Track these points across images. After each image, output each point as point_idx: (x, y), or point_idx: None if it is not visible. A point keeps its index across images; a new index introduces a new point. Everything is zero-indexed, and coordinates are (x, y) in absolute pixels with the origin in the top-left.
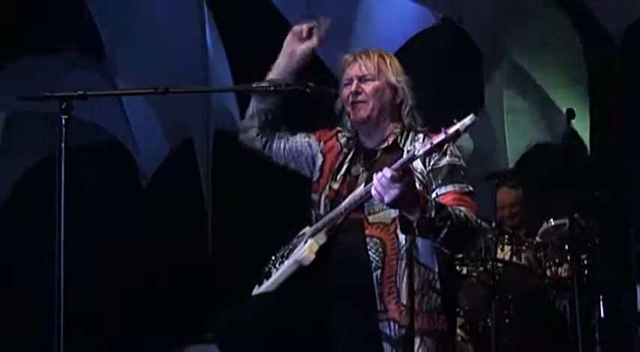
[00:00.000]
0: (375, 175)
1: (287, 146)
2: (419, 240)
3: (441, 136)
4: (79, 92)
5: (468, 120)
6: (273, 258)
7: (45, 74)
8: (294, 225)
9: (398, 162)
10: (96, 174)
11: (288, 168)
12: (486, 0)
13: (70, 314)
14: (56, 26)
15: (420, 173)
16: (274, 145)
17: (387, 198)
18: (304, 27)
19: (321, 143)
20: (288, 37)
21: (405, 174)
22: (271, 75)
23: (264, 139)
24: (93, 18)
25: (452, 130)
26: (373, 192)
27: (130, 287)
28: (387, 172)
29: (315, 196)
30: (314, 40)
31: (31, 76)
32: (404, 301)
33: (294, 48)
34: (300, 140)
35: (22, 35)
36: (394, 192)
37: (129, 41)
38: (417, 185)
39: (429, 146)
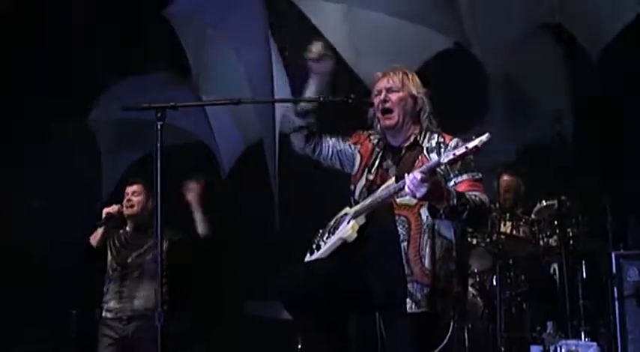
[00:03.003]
0: (406, 176)
1: (335, 151)
2: None
3: (463, 149)
4: (171, 103)
5: (484, 137)
6: (320, 231)
7: (144, 90)
8: (340, 208)
9: (425, 166)
10: (184, 168)
11: (334, 167)
12: (490, 27)
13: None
14: (153, 53)
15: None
16: (323, 151)
17: (418, 195)
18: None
19: (357, 145)
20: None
21: (431, 175)
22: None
23: (311, 146)
24: (182, 46)
25: (471, 145)
26: (406, 190)
27: (208, 255)
28: (418, 175)
29: (352, 186)
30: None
31: (134, 92)
32: (427, 266)
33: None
34: (344, 147)
35: (126, 60)
36: (423, 190)
37: (210, 63)
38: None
39: (452, 156)
